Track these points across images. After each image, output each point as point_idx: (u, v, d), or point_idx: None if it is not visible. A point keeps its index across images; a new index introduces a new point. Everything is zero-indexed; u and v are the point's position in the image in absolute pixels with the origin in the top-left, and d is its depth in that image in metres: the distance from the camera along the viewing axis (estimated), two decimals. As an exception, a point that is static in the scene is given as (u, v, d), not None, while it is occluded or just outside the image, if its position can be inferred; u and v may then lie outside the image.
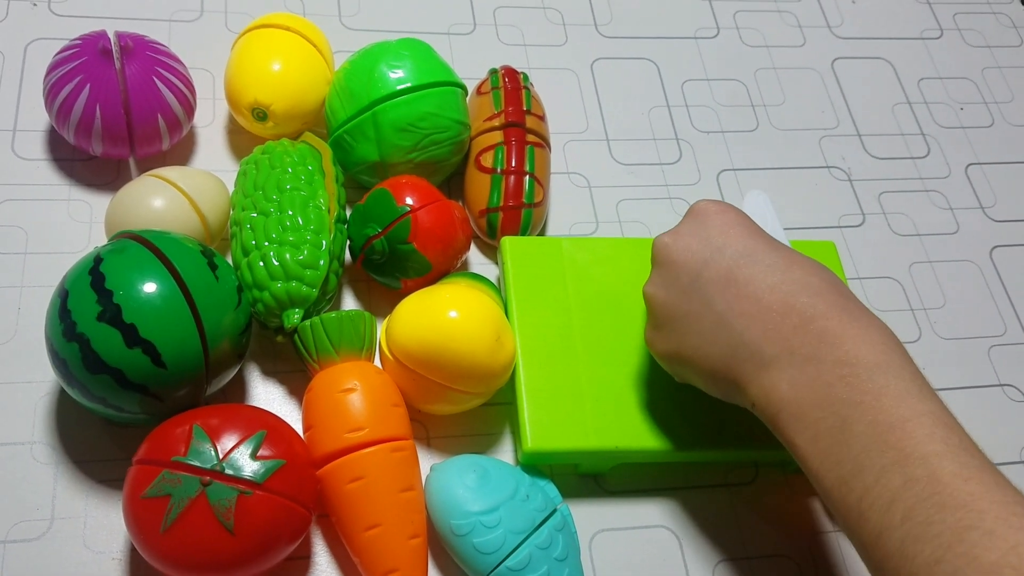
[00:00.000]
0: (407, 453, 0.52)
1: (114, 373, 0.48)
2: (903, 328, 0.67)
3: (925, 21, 0.86)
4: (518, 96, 0.67)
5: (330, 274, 0.56)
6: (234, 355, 0.53)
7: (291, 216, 0.55)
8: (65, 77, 0.59)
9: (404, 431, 0.53)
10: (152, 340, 0.48)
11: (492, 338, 0.53)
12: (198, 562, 0.46)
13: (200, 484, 0.46)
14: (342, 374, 0.53)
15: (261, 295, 0.54)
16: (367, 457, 0.51)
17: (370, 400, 0.52)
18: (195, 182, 0.58)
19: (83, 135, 0.60)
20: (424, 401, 0.55)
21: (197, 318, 0.49)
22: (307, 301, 0.54)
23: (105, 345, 0.48)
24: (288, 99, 0.62)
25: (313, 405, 0.52)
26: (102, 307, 0.48)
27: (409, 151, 0.61)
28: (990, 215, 0.74)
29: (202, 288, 0.50)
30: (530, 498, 0.52)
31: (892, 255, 0.71)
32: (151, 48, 0.62)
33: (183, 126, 0.63)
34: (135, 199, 0.57)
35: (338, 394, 0.52)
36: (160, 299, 0.49)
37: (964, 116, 0.80)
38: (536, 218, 0.64)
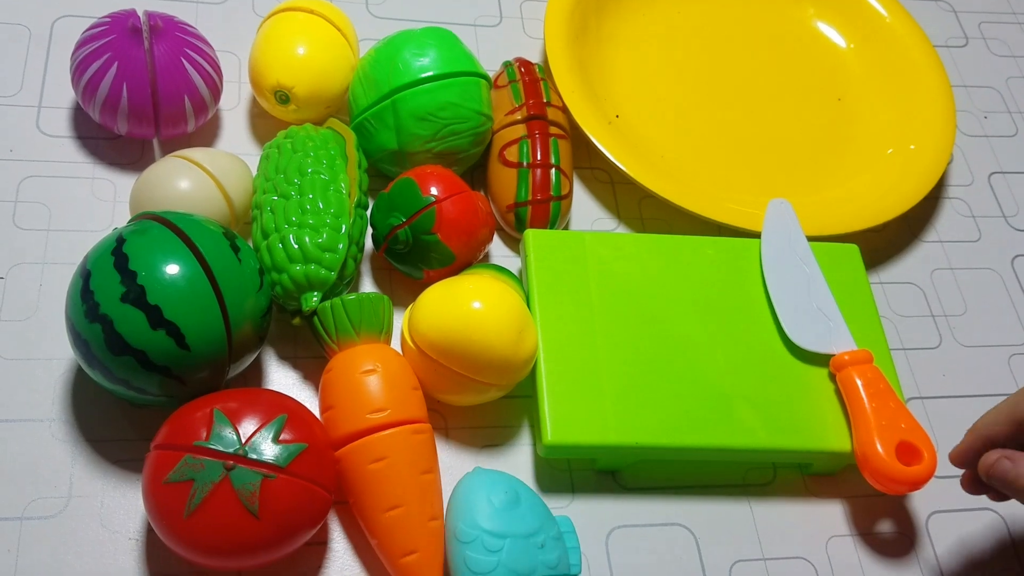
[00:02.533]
0: (426, 436, 0.52)
1: (137, 355, 0.48)
2: (923, 334, 0.67)
3: (951, 29, 0.86)
4: (537, 88, 0.66)
5: (348, 258, 0.55)
6: (256, 338, 0.52)
7: (311, 199, 0.55)
8: (93, 54, 0.59)
9: (423, 414, 0.52)
10: (176, 322, 0.48)
11: (515, 330, 0.53)
12: (222, 547, 0.46)
13: (224, 468, 0.46)
14: (362, 356, 0.52)
15: (280, 277, 0.54)
16: (389, 438, 0.50)
17: (391, 382, 0.52)
18: (221, 164, 0.58)
19: (109, 113, 0.60)
20: (444, 391, 0.55)
21: (221, 300, 0.49)
22: (325, 284, 0.54)
23: (129, 326, 0.47)
24: (311, 83, 0.62)
25: (333, 386, 0.52)
26: (126, 288, 0.48)
27: (428, 140, 0.61)
28: (1012, 224, 0.74)
29: (225, 270, 0.50)
30: (545, 548, 0.50)
31: (914, 261, 0.70)
32: (180, 29, 0.61)
33: (209, 109, 0.63)
34: (161, 179, 0.56)
35: (359, 375, 0.52)
36: (184, 280, 0.48)
37: (988, 125, 0.80)
38: (564, 210, 0.64)
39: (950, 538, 0.58)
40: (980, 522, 0.59)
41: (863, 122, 0.76)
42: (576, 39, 0.72)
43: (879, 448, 0.54)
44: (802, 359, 0.59)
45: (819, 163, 0.73)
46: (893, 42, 0.79)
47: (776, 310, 0.61)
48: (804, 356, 0.59)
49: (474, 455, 0.57)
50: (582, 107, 0.68)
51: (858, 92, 0.77)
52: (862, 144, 0.74)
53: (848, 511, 0.58)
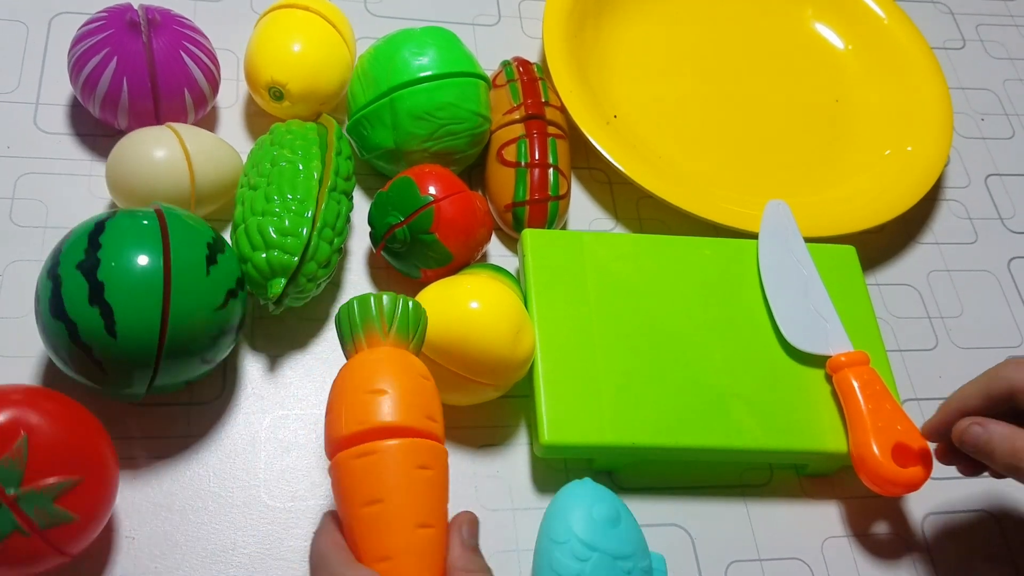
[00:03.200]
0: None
1: (69, 324, 0.48)
2: (920, 336, 0.67)
3: (948, 31, 0.86)
4: (535, 88, 0.66)
5: (320, 243, 0.55)
6: (195, 355, 0.50)
7: (276, 188, 0.55)
8: (92, 50, 0.59)
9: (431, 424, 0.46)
10: (112, 305, 0.47)
11: (513, 330, 0.53)
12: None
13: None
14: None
15: (247, 267, 0.54)
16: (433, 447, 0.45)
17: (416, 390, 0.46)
18: (203, 145, 0.58)
19: (109, 109, 0.60)
20: (441, 391, 0.55)
21: (166, 304, 0.48)
22: (287, 269, 0.53)
23: (71, 293, 0.48)
24: (305, 79, 0.62)
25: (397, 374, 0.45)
26: (85, 256, 0.48)
27: (424, 140, 0.61)
28: (1009, 226, 0.74)
29: (186, 278, 0.49)
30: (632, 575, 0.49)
31: (911, 262, 0.71)
32: (178, 22, 0.61)
33: (208, 101, 0.63)
34: (139, 143, 0.57)
35: (421, 379, 0.46)
36: (137, 270, 0.48)
37: (985, 127, 0.80)
38: (562, 210, 0.64)
39: (945, 539, 0.58)
40: (975, 524, 0.59)
41: (860, 123, 0.76)
42: (574, 39, 0.72)
43: (875, 450, 0.54)
44: (799, 360, 0.59)
45: (816, 164, 0.73)
46: (891, 44, 0.79)
47: (772, 311, 0.61)
48: (801, 357, 0.60)
49: (471, 454, 0.57)
50: (580, 107, 0.68)
51: (856, 93, 0.78)
52: (859, 145, 0.74)
53: (844, 512, 0.58)
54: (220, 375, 0.56)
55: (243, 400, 0.56)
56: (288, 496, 0.53)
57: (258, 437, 0.55)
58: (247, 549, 0.51)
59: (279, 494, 0.53)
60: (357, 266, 0.63)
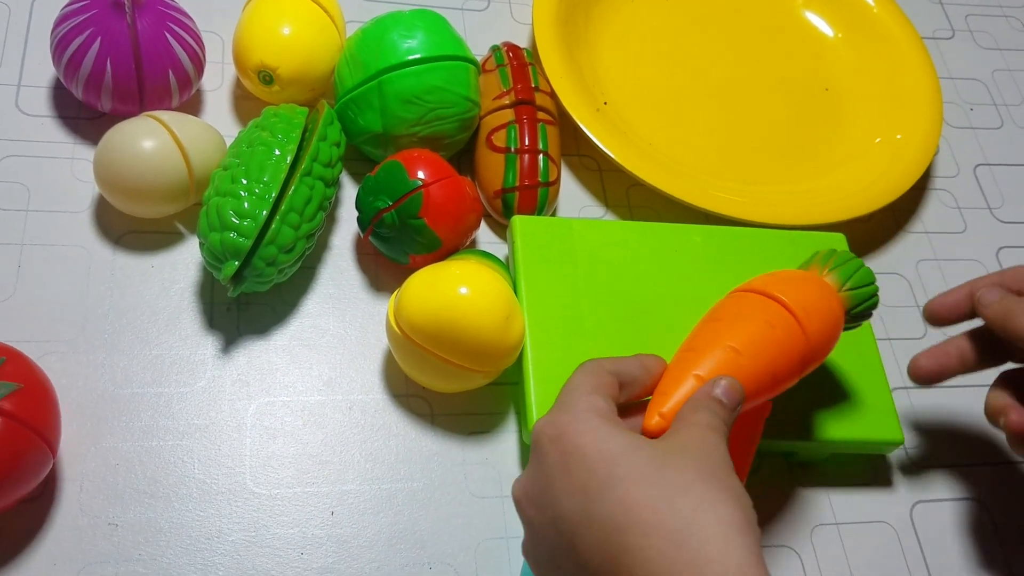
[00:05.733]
0: None
1: None
2: (909, 325, 0.67)
3: (937, 21, 0.86)
4: (525, 73, 0.66)
5: (283, 227, 0.54)
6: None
7: (244, 170, 0.54)
8: (75, 30, 0.58)
9: None
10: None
11: (502, 316, 0.53)
12: None
13: None
14: None
15: (203, 248, 0.54)
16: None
17: None
18: (191, 131, 0.57)
19: (92, 90, 0.59)
20: (430, 377, 0.55)
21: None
22: (240, 252, 0.53)
23: None
24: (295, 63, 0.61)
25: None
26: None
27: (413, 124, 0.61)
28: (997, 216, 0.74)
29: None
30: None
31: (900, 251, 0.70)
32: (163, 3, 0.60)
33: (193, 83, 0.62)
34: (127, 136, 0.56)
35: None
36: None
37: (974, 117, 0.80)
38: (551, 196, 0.63)
39: (934, 528, 0.58)
40: (964, 512, 0.60)
41: (850, 112, 0.76)
42: (564, 25, 0.72)
43: None
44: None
45: (806, 152, 0.73)
46: (880, 32, 0.79)
47: None
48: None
49: (460, 442, 0.56)
50: (570, 93, 0.68)
51: (845, 82, 0.77)
52: (848, 134, 0.74)
53: (833, 500, 0.58)
54: (205, 361, 0.56)
55: (228, 386, 0.55)
56: (274, 483, 0.52)
57: (244, 424, 0.54)
58: (232, 536, 0.50)
59: (265, 481, 0.52)
60: (345, 252, 0.62)
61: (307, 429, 0.55)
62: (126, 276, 0.57)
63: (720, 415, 0.41)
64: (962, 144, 0.78)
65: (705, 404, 0.41)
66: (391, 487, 0.54)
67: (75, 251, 0.58)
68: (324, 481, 0.53)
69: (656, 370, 0.45)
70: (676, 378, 0.44)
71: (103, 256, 0.58)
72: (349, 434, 0.55)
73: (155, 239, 0.59)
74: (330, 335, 0.58)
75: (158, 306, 0.57)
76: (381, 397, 0.57)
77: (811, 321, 0.47)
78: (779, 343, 0.46)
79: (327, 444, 0.54)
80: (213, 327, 0.57)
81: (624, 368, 0.43)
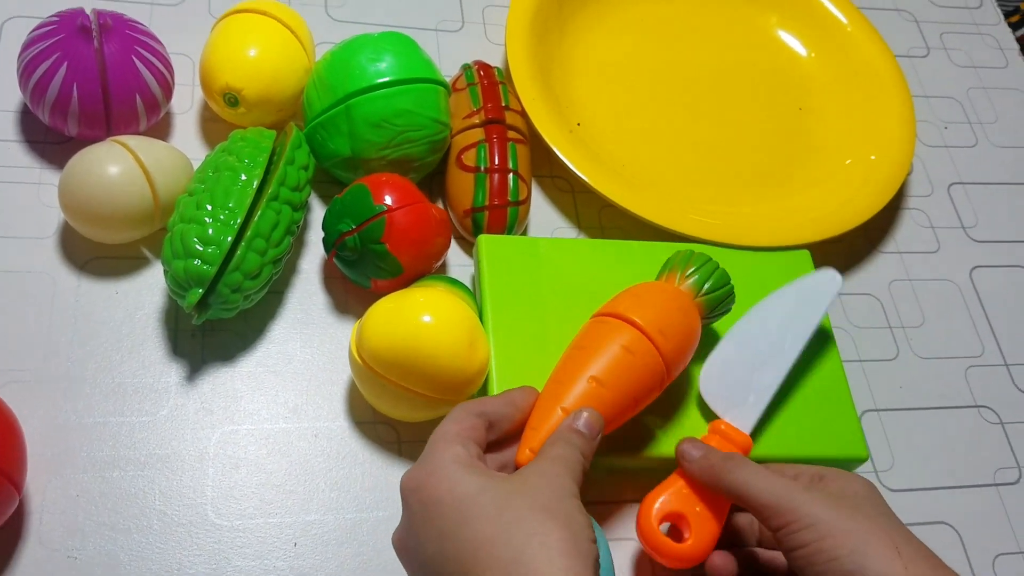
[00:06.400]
0: None
1: None
2: (881, 346, 0.67)
3: (912, 39, 0.86)
4: (496, 92, 0.66)
5: (249, 253, 0.54)
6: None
7: (210, 196, 0.54)
8: (42, 55, 0.58)
9: None
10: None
11: (465, 344, 0.52)
12: None
13: None
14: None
15: (167, 276, 0.54)
16: None
17: None
18: (156, 155, 0.57)
19: (59, 115, 0.59)
20: (394, 408, 0.54)
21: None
22: (204, 279, 0.52)
23: None
24: (261, 85, 0.61)
25: None
26: None
27: (382, 147, 0.60)
28: (971, 235, 0.74)
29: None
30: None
31: (872, 272, 0.70)
32: (130, 27, 0.60)
33: (161, 107, 0.62)
34: (92, 162, 0.55)
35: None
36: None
37: (948, 135, 0.80)
38: (521, 216, 0.63)
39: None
40: (934, 535, 0.59)
41: (823, 132, 0.76)
42: (538, 46, 0.72)
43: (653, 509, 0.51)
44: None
45: (779, 173, 0.73)
46: (854, 51, 0.79)
47: (714, 352, 0.57)
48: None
49: (427, 468, 0.56)
50: (543, 115, 0.67)
51: (819, 101, 0.77)
52: (822, 154, 0.74)
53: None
54: (168, 389, 0.55)
55: (192, 414, 0.55)
56: (236, 514, 0.52)
57: (207, 453, 0.54)
58: (192, 570, 0.50)
59: (227, 512, 0.52)
60: (313, 276, 0.62)
61: (271, 458, 0.54)
62: (91, 302, 0.57)
63: (578, 445, 0.46)
64: (936, 163, 0.78)
65: (564, 436, 0.46)
66: (356, 517, 0.53)
67: (40, 277, 0.57)
68: (287, 512, 0.53)
69: (525, 403, 0.49)
70: (545, 411, 0.48)
71: (68, 282, 0.57)
72: (314, 463, 0.55)
73: (120, 264, 0.59)
74: (297, 361, 0.58)
75: (122, 333, 0.56)
76: (347, 424, 0.56)
77: (667, 341, 0.51)
78: (637, 368, 0.50)
79: (291, 473, 0.54)
80: (177, 354, 0.56)
81: (491, 408, 0.47)
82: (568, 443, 0.46)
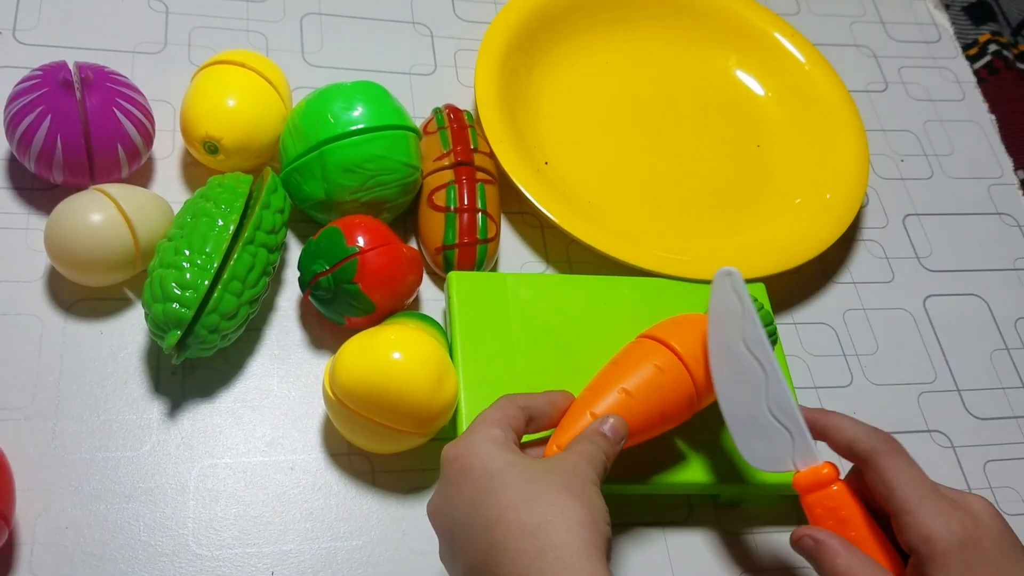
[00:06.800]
0: None
1: None
2: (835, 373, 0.69)
3: (871, 74, 0.89)
4: (465, 135, 0.69)
5: (226, 295, 0.56)
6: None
7: (187, 240, 0.57)
8: (26, 108, 0.60)
9: None
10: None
11: (434, 379, 0.55)
12: None
13: None
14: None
15: (147, 318, 0.56)
16: None
17: None
18: (137, 201, 0.60)
19: (44, 165, 0.61)
20: (367, 441, 0.57)
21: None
22: (182, 322, 0.55)
23: None
24: (239, 134, 0.64)
25: None
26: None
27: (354, 191, 0.63)
28: (925, 264, 0.77)
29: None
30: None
31: (827, 302, 0.73)
32: (111, 79, 0.63)
33: (142, 155, 0.65)
34: (74, 211, 0.58)
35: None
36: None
37: (904, 168, 0.83)
38: (490, 252, 0.66)
39: None
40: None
41: (781, 168, 0.79)
42: (506, 89, 0.75)
43: None
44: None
45: (739, 208, 0.76)
46: (810, 90, 0.82)
47: (725, 421, 0.54)
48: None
49: (400, 498, 0.58)
50: (511, 155, 0.70)
51: (776, 139, 0.80)
52: (779, 189, 0.77)
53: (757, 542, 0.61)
54: (151, 424, 0.58)
55: (173, 449, 0.57)
56: (216, 544, 0.55)
57: (187, 486, 0.56)
58: (174, 597, 0.53)
59: (207, 543, 0.55)
60: (290, 312, 0.64)
61: (249, 490, 0.57)
62: (76, 343, 0.60)
63: (602, 446, 0.50)
64: (892, 195, 0.81)
65: (589, 437, 0.50)
66: (331, 546, 0.56)
67: (28, 319, 0.60)
68: (265, 542, 0.55)
69: (563, 405, 0.54)
70: (576, 414, 0.53)
71: (55, 324, 0.60)
72: (290, 494, 0.57)
73: (105, 306, 0.61)
74: (274, 396, 0.61)
75: (107, 371, 0.59)
76: (322, 456, 0.59)
77: (698, 366, 0.54)
78: (667, 387, 0.54)
79: (268, 505, 0.56)
80: (159, 391, 0.59)
81: (534, 404, 0.52)
82: (592, 443, 0.50)
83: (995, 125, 0.88)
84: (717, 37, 0.84)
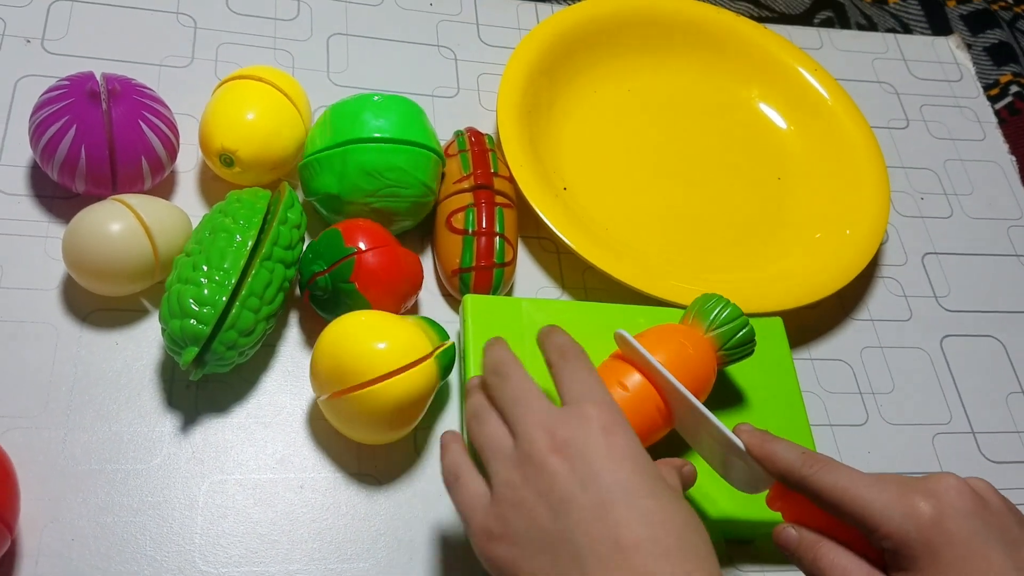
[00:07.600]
0: None
1: None
2: (850, 411, 0.69)
3: (893, 111, 0.89)
4: (485, 159, 0.69)
5: (244, 311, 0.56)
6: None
7: (205, 256, 0.57)
8: (52, 117, 0.61)
9: None
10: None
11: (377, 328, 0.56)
12: None
13: None
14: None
15: (164, 334, 0.56)
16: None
17: None
18: (157, 213, 0.60)
19: (67, 174, 0.62)
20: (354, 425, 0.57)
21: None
22: (199, 338, 0.55)
23: None
24: (255, 147, 0.64)
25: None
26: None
27: (368, 195, 0.64)
28: (943, 304, 0.77)
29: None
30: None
31: (845, 338, 0.73)
32: (137, 92, 0.63)
33: (165, 168, 0.65)
34: (94, 220, 0.58)
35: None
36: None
37: (924, 206, 0.83)
38: (507, 277, 0.66)
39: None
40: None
41: (801, 202, 0.79)
42: (528, 113, 0.75)
43: None
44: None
45: (757, 241, 0.76)
46: (832, 124, 0.82)
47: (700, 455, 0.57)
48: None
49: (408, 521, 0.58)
50: (530, 180, 0.70)
51: (797, 172, 0.80)
52: (799, 223, 0.77)
53: (770, 584, 0.60)
54: (162, 438, 0.58)
55: (183, 464, 0.57)
56: (223, 562, 0.54)
57: (196, 501, 0.56)
58: (179, 614, 0.52)
59: (214, 560, 0.54)
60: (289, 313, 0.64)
61: (257, 508, 0.56)
62: (91, 353, 0.60)
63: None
64: (911, 233, 0.81)
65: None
66: (337, 567, 0.55)
67: (44, 328, 0.60)
68: (272, 561, 0.55)
69: None
70: None
71: (71, 333, 0.60)
72: (299, 513, 0.57)
73: (121, 316, 0.61)
74: (286, 412, 0.60)
75: (120, 383, 0.59)
76: (332, 475, 0.59)
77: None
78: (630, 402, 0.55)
79: (276, 523, 0.56)
80: (172, 404, 0.59)
81: None
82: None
83: (1015, 166, 0.88)
84: (740, 69, 0.85)
